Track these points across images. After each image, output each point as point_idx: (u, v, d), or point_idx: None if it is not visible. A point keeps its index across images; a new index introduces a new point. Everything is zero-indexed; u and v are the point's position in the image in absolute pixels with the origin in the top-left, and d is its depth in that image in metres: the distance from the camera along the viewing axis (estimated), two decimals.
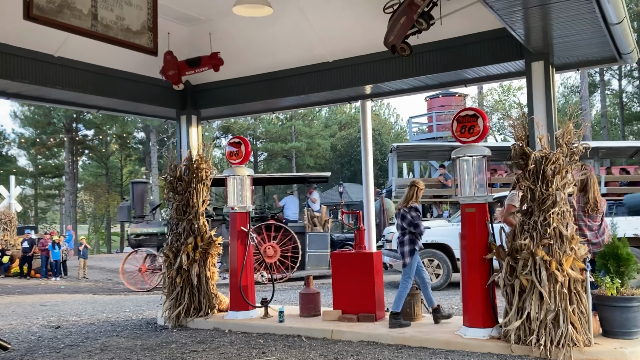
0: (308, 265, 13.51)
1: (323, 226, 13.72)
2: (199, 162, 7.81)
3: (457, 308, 8.20)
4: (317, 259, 13.51)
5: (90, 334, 7.25)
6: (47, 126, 34.69)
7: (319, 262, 13.51)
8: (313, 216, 13.72)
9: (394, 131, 48.04)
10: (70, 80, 6.56)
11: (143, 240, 14.27)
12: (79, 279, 17.47)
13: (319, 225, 13.70)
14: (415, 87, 7.12)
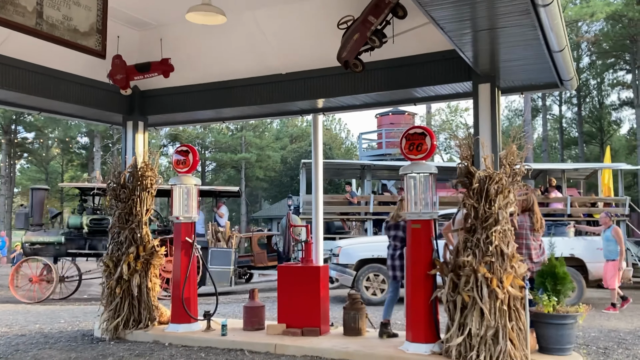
0: (209, 281, 12.71)
1: (227, 242, 13.46)
2: (144, 170, 7.62)
3: (400, 323, 8.26)
4: (219, 275, 13.04)
5: (20, 346, 6.89)
6: None
7: (220, 278, 13.05)
8: (217, 231, 13.51)
9: (344, 146, 48.49)
10: (11, 79, 6.29)
11: (39, 249, 13.68)
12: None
13: (223, 241, 13.44)
14: (367, 103, 7.22)
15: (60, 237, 13.58)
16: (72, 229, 13.82)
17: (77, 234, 13.83)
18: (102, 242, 13.69)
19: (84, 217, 13.87)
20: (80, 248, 13.73)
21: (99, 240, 13.80)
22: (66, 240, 13.65)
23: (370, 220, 14.97)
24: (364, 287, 10.57)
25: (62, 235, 13.62)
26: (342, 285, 11.27)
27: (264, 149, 39.81)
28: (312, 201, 7.91)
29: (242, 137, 40.13)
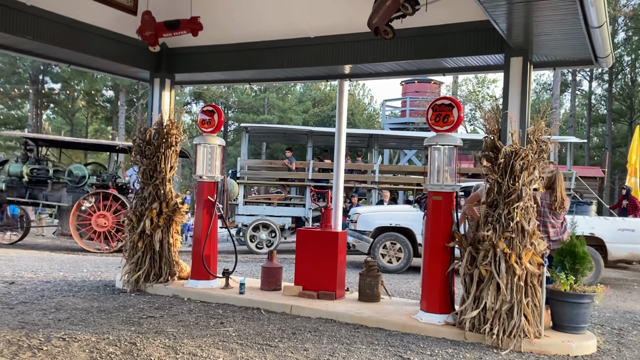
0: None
1: None
2: (170, 127, 7.68)
3: (415, 292, 8.37)
4: None
5: (45, 292, 7.14)
6: (11, 75, 33.40)
7: None
8: None
9: (366, 112, 48.10)
10: (41, 31, 6.33)
11: None
12: (36, 235, 17.10)
13: None
14: (394, 71, 7.14)
15: (1, 184, 13.95)
16: (13, 177, 14.12)
17: (18, 182, 14.13)
18: (42, 192, 14.08)
19: (24, 167, 14.12)
20: (21, 196, 14.08)
21: (39, 190, 14.14)
22: (7, 188, 14.04)
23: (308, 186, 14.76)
24: (380, 255, 10.66)
25: (2, 183, 13.97)
26: (358, 251, 11.38)
27: (286, 112, 39.68)
28: (334, 167, 7.92)
29: (265, 99, 40.03)
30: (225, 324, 5.73)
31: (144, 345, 4.84)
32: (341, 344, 5.17)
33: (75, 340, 4.87)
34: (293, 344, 5.07)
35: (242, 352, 4.77)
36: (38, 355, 4.44)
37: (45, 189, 14.07)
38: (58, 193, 14.04)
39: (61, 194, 13.96)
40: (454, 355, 4.93)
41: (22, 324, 5.39)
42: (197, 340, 5.06)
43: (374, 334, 5.58)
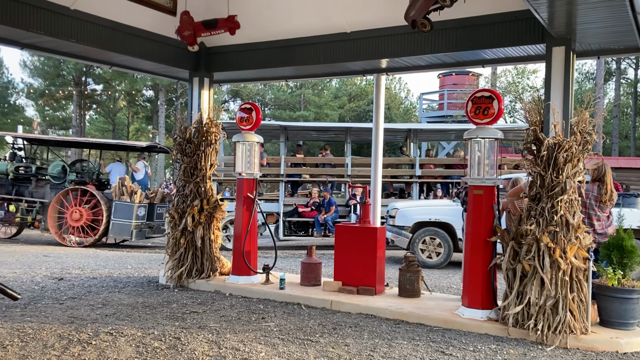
0: (111, 232, 13.41)
1: (130, 196, 13.43)
2: (209, 126, 7.79)
3: (455, 287, 8.28)
4: (120, 228, 13.29)
5: (92, 288, 7.36)
6: (56, 78, 34.47)
7: (121, 231, 13.31)
8: (122, 185, 13.55)
9: (403, 106, 47.68)
10: (84, 33, 6.51)
11: None
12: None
13: (126, 195, 13.44)
14: (432, 64, 7.06)
15: None
16: (0, 175, 14.71)
17: (5, 179, 14.71)
18: (27, 189, 14.61)
19: (10, 165, 14.70)
20: (8, 193, 14.63)
21: (25, 187, 14.67)
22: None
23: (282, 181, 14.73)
24: (420, 250, 10.57)
25: None
26: (396, 246, 11.31)
27: (322, 107, 39.68)
28: (372, 163, 7.88)
29: (301, 95, 40.12)
30: (267, 319, 5.79)
31: (188, 340, 4.93)
32: (382, 339, 5.16)
33: (122, 335, 5.01)
34: (334, 339, 5.09)
35: (283, 347, 4.82)
36: (87, 349, 4.58)
37: (30, 186, 14.65)
38: (42, 190, 14.54)
39: (45, 191, 14.43)
40: (498, 351, 4.85)
41: (72, 319, 5.57)
42: (240, 335, 5.13)
43: (415, 330, 5.55)
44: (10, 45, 6.63)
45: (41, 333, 5.02)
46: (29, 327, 5.20)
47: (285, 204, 14.18)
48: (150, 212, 13.76)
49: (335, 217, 13.58)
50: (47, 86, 35.22)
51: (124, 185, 13.40)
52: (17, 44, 6.63)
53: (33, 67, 35.37)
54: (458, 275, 9.45)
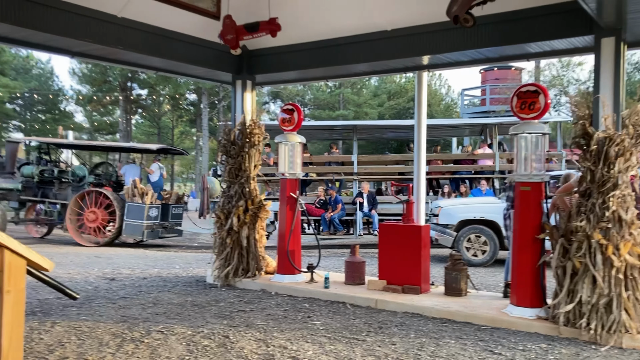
0: (124, 233, 13.76)
1: (141, 197, 13.77)
2: (252, 127, 7.90)
3: (502, 285, 8.11)
4: (133, 228, 13.63)
5: (143, 288, 7.57)
6: (103, 84, 35.61)
7: (134, 231, 13.65)
8: (135, 186, 13.94)
9: (444, 103, 47.10)
10: (131, 40, 6.69)
11: (4, 194, 15.62)
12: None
13: (138, 196, 13.78)
14: (475, 60, 6.94)
15: (18, 184, 15.38)
16: (27, 178, 15.46)
17: (31, 182, 15.44)
18: (52, 191, 15.31)
19: (35, 168, 15.41)
20: (34, 195, 15.41)
21: (49, 189, 15.37)
22: (23, 188, 15.44)
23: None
24: (465, 248, 10.44)
25: (19, 183, 15.39)
26: (440, 245, 11.19)
27: (362, 106, 39.62)
28: (415, 160, 7.84)
29: (340, 94, 40.16)
30: (313, 318, 5.83)
31: (237, 338, 5.02)
32: (429, 338, 5.12)
33: (172, 334, 5.14)
34: (380, 338, 5.09)
35: (330, 345, 4.85)
36: (140, 347, 4.73)
37: (54, 189, 15.41)
38: (65, 192, 15.18)
39: (67, 193, 15.06)
40: (549, 351, 4.75)
41: (124, 318, 5.75)
42: (287, 334, 5.19)
43: (462, 329, 5.49)
44: (62, 54, 6.90)
45: (96, 331, 5.21)
46: (84, 326, 5.40)
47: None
48: (165, 212, 14.20)
49: (342, 215, 13.60)
50: (94, 92, 36.40)
51: (136, 186, 13.88)
52: (68, 53, 6.88)
53: (81, 74, 36.59)
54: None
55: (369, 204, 13.82)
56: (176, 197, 14.99)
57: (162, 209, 14.03)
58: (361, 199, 13.70)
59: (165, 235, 14.62)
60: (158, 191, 14.76)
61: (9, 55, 35.18)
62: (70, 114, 40.56)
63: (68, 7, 5.95)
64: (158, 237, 14.34)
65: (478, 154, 14.39)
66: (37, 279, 2.55)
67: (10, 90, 33.17)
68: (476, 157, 14.38)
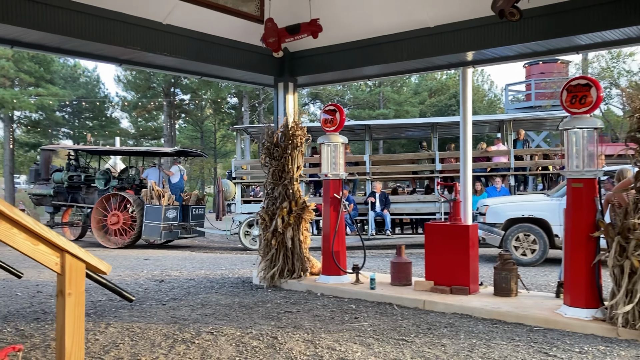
0: (144, 234, 14.22)
1: (159, 199, 14.20)
2: (295, 129, 7.93)
3: (554, 285, 7.90)
4: (151, 229, 14.09)
5: (191, 289, 7.70)
6: (147, 90, 36.45)
7: (152, 232, 14.10)
8: (152, 189, 14.45)
9: (487, 99, 46.22)
10: (176, 47, 6.81)
11: (39, 199, 16.68)
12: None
13: (156, 198, 14.23)
14: (521, 54, 6.78)
15: (51, 190, 16.30)
16: (58, 184, 16.34)
17: (62, 188, 16.34)
18: (80, 196, 16.26)
19: (64, 174, 16.28)
20: (65, 200, 16.28)
21: (78, 194, 16.33)
22: (55, 193, 16.36)
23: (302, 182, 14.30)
24: (513, 247, 10.20)
25: (52, 189, 16.30)
26: (487, 244, 10.97)
27: (402, 104, 39.26)
28: (461, 158, 7.70)
29: (380, 93, 39.93)
30: (360, 319, 5.81)
31: (285, 339, 5.04)
32: (480, 339, 5.02)
33: (222, 335, 5.20)
34: (429, 340, 5.02)
35: (379, 347, 4.81)
36: (191, 348, 4.80)
37: (82, 193, 16.36)
38: (92, 196, 16.01)
39: (94, 197, 15.81)
40: (607, 353, 4.59)
41: (175, 319, 5.85)
42: (334, 335, 5.18)
43: (513, 330, 5.36)
44: (110, 62, 7.09)
45: (148, 332, 5.32)
46: (137, 327, 5.53)
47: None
48: (186, 213, 14.72)
49: (355, 215, 13.50)
50: (139, 98, 37.32)
51: (153, 189, 14.38)
52: (115, 61, 7.06)
53: (126, 81, 37.56)
54: (556, 273, 9.03)
55: (382, 204, 13.73)
56: (196, 198, 15.47)
57: (182, 210, 14.58)
58: (373, 198, 13.60)
59: (185, 236, 15.15)
60: (178, 193, 15.22)
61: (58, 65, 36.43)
62: (117, 120, 41.70)
63: (116, 16, 6.11)
64: (177, 238, 14.88)
65: (492, 151, 14.15)
66: (95, 281, 2.62)
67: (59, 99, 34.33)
68: (490, 155, 14.14)
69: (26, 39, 5.97)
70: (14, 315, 6.12)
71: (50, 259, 2.41)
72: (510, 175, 13.47)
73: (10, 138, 32.84)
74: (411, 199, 14.29)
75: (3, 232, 2.29)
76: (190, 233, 15.13)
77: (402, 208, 13.92)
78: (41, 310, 6.38)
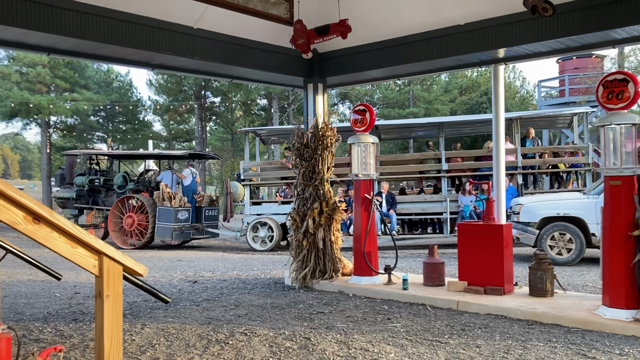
0: (156, 235, 14.66)
1: (170, 201, 14.66)
2: (324, 130, 7.93)
3: (591, 285, 7.74)
4: (163, 231, 14.56)
5: (224, 290, 7.78)
6: (178, 94, 37.01)
7: (164, 233, 14.55)
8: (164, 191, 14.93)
9: (519, 96, 45.44)
10: (206, 50, 6.90)
11: (63, 202, 17.42)
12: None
13: (167, 200, 14.70)
14: (555, 50, 6.64)
15: (73, 193, 17.08)
16: (79, 187, 17.14)
17: (83, 191, 17.15)
18: (100, 198, 16.95)
19: (85, 178, 17.06)
20: (87, 202, 17.06)
21: (98, 197, 17.07)
22: (77, 196, 17.14)
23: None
24: (548, 247, 10.00)
25: (74, 192, 17.07)
26: (521, 244, 10.79)
27: (432, 103, 38.90)
28: (494, 156, 7.60)
29: (409, 92, 39.66)
30: (393, 320, 5.77)
31: (318, 340, 5.05)
32: (515, 340, 4.94)
33: (255, 335, 5.24)
34: (464, 341, 4.96)
35: (412, 348, 4.77)
36: (225, 349, 4.85)
37: (101, 196, 17.07)
38: (111, 199, 16.60)
39: (113, 200, 16.36)
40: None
41: (208, 320, 5.92)
42: (367, 336, 5.16)
43: (550, 331, 5.26)
44: (143, 67, 7.22)
45: (183, 333, 5.39)
46: (171, 327, 5.61)
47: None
48: (199, 214, 15.23)
49: None
50: (170, 102, 37.90)
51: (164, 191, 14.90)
52: (148, 66, 7.19)
53: (158, 85, 38.20)
54: (593, 273, 8.83)
55: (387, 204, 13.64)
56: (209, 200, 15.88)
57: (195, 211, 15.07)
58: (380, 198, 13.52)
59: (197, 237, 15.57)
60: (191, 195, 15.61)
61: (92, 71, 37.27)
62: (149, 123, 42.41)
63: (148, 22, 6.22)
64: (189, 239, 15.28)
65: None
66: (132, 283, 2.67)
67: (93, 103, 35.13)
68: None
69: (62, 46, 6.13)
70: (53, 316, 6.28)
71: (89, 261, 2.47)
72: (518, 174, 13.28)
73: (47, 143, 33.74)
74: (418, 198, 14.25)
75: (44, 235, 2.35)
76: (202, 234, 15.58)
77: (409, 208, 13.87)
78: (79, 312, 6.53)
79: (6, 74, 31.71)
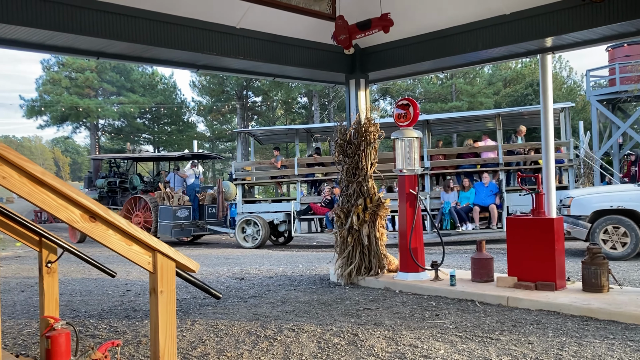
0: (159, 232, 15.15)
1: (168, 200, 15.28)
2: (367, 126, 7.89)
3: None
4: (164, 228, 15.15)
5: (270, 287, 7.84)
6: (221, 94, 37.59)
7: (165, 230, 15.11)
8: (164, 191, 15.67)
9: (565, 86, 44.11)
10: (250, 50, 6.97)
11: None
12: None
13: (167, 199, 15.35)
14: (606, 37, 6.40)
15: (97, 194, 18.16)
16: (100, 189, 18.32)
17: (104, 192, 18.31)
18: (119, 199, 17.97)
19: (104, 180, 18.23)
20: (107, 203, 17.81)
21: (116, 197, 18.18)
22: (99, 197, 18.11)
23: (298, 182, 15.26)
24: (601, 241, 9.68)
25: (97, 194, 18.16)
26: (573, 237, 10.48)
27: (476, 96, 38.18)
28: (542, 150, 7.39)
29: (452, 85, 39.05)
30: (441, 316, 5.70)
31: (365, 336, 5.03)
32: (569, 337, 4.80)
33: (303, 331, 5.26)
34: (515, 337, 4.85)
35: (462, 344, 4.70)
36: (274, 345, 4.88)
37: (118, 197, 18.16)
38: (127, 199, 17.28)
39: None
40: None
41: (256, 316, 5.98)
42: (415, 332, 5.11)
43: (606, 327, 5.08)
44: (188, 68, 7.35)
45: (232, 329, 5.46)
46: (221, 324, 5.69)
47: (302, 202, 14.67)
48: (202, 212, 15.81)
49: None
50: (213, 102, 38.50)
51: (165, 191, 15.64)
52: (192, 66, 7.32)
53: (201, 86, 38.89)
54: None
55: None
56: (211, 198, 16.36)
57: (198, 209, 15.72)
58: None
59: (199, 234, 16.20)
60: (194, 193, 16.18)
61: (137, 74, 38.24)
62: (193, 124, 43.25)
63: (192, 23, 6.33)
64: (190, 236, 15.91)
65: (480, 147, 13.74)
66: (185, 279, 2.71)
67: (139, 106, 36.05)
68: (478, 150, 13.72)
69: (110, 49, 6.30)
70: (107, 313, 6.47)
71: (143, 258, 2.52)
72: (501, 171, 12.99)
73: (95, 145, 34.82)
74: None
75: (100, 233, 2.42)
76: (204, 231, 16.19)
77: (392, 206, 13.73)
78: (131, 308, 6.71)
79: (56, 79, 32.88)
